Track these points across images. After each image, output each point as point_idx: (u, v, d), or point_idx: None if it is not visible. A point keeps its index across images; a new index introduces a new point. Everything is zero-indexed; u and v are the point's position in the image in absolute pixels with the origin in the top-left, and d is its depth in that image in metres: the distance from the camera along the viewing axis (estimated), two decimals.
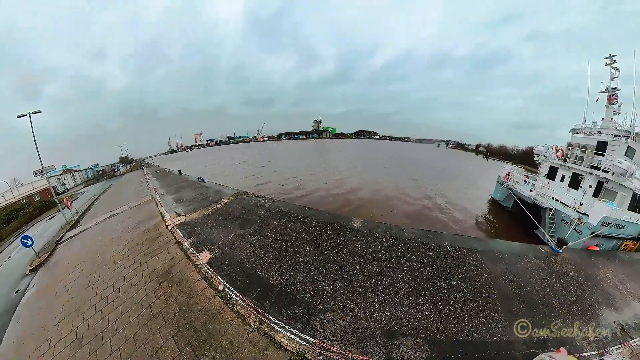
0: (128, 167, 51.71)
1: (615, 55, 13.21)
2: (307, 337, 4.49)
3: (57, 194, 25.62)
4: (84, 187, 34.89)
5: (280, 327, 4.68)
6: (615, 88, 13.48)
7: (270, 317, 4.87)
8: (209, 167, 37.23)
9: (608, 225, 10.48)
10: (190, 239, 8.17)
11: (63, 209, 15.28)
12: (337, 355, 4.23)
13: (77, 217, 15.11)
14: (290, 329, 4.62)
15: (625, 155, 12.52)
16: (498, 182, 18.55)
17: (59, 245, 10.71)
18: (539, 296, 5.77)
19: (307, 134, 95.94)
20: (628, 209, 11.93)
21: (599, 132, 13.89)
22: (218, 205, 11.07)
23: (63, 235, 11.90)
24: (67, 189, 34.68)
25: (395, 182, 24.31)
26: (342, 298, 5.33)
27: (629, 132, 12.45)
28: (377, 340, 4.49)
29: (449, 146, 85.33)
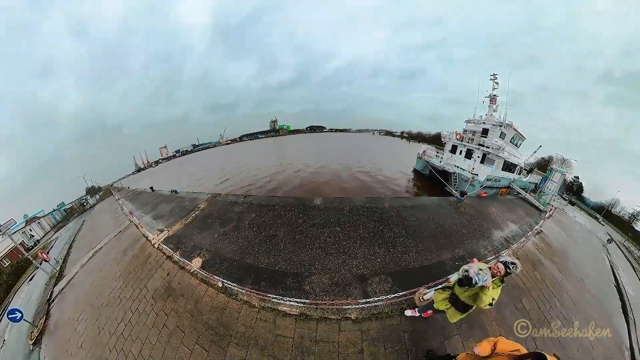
0: (97, 197, 38.13)
1: (497, 74, 17.51)
2: (302, 300, 4.86)
3: (28, 249, 19.15)
4: (55, 232, 25.75)
5: (280, 299, 4.92)
6: (495, 95, 17.63)
7: (269, 295, 5.02)
8: (180, 178, 32.00)
9: (490, 180, 13.28)
10: (179, 250, 7.34)
11: (40, 264, 11.57)
12: (329, 306, 4.71)
13: (59, 268, 11.58)
14: (288, 298, 4.91)
15: (499, 137, 16.61)
16: (418, 157, 20.97)
17: (52, 305, 8.35)
18: (453, 229, 6.88)
19: (266, 133, 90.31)
20: (502, 170, 15.84)
21: (484, 123, 17.75)
22: (196, 212, 9.92)
23: (51, 292, 9.11)
24: (37, 240, 25.13)
25: (341, 163, 25.28)
26: (320, 262, 5.78)
27: (502, 122, 16.62)
28: (354, 285, 5.13)
29: (381, 134, 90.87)
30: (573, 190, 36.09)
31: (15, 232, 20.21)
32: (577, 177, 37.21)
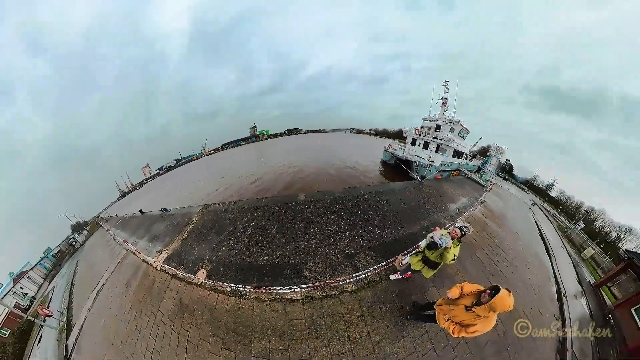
0: (85, 233, 29.83)
1: (447, 81, 19.85)
2: (304, 285, 5.00)
3: (26, 309, 15.20)
4: (50, 282, 21.02)
5: (285, 289, 5.02)
6: (446, 98, 19.83)
7: (275, 288, 5.10)
8: (168, 195, 28.77)
9: (443, 165, 14.75)
10: (182, 267, 6.86)
11: (44, 321, 9.79)
12: (328, 285, 4.95)
13: (65, 319, 9.89)
14: (292, 287, 5.03)
15: (450, 131, 18.83)
16: (384, 150, 22.09)
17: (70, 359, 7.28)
18: (418, 206, 7.60)
19: (246, 140, 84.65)
20: (452, 157, 18.15)
21: (437, 120, 19.79)
22: (190, 226, 9.18)
23: (66, 347, 7.90)
24: (33, 296, 19.59)
25: (319, 161, 25.57)
26: (312, 250, 5.96)
27: (451, 120, 18.86)
28: (345, 263, 5.43)
29: (352, 132, 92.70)
30: (506, 170, 41.41)
31: (5, 296, 16.15)
32: (509, 160, 42.77)
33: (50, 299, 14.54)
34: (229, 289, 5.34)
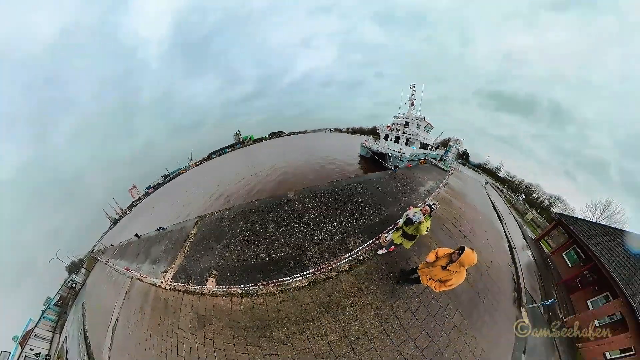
0: (83, 271, 24.00)
1: (415, 84, 21.90)
2: (307, 272, 5.15)
3: None
4: (59, 334, 16.27)
5: (290, 279, 5.13)
6: (413, 99, 21.81)
7: (281, 280, 5.19)
8: (161, 213, 25.58)
9: (412, 155, 15.92)
10: (190, 281, 6.50)
11: None
12: (326, 268, 5.16)
13: None
14: (296, 276, 5.14)
15: (417, 127, 20.81)
16: (361, 145, 22.94)
17: None
18: (394, 191, 8.28)
19: (232, 147, 77.65)
20: (419, 148, 20.04)
21: (406, 118, 21.63)
22: (190, 240, 8.64)
23: None
24: (47, 354, 14.72)
25: (303, 160, 25.65)
26: (308, 240, 6.10)
27: (418, 117, 20.83)
28: (338, 247, 5.71)
29: (331, 131, 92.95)
30: (463, 157, 45.73)
31: None
32: (465, 149, 47.90)
33: (67, 350, 12.45)
34: (239, 291, 5.30)
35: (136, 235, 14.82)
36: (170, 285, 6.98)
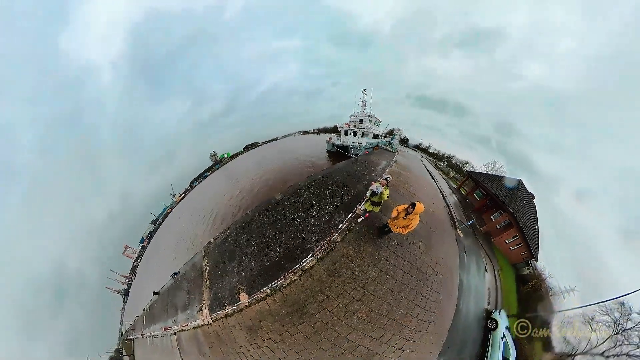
0: (126, 359, 15.18)
1: (365, 89, 24.70)
2: (312, 253, 5.47)
3: None
4: None
5: (303, 263, 5.38)
6: (365, 101, 24.55)
7: (295, 267, 5.41)
8: (166, 260, 20.48)
9: (368, 145, 17.37)
10: (225, 305, 6.01)
11: None
12: (325, 244, 5.58)
13: None
14: (306, 259, 5.43)
15: (369, 122, 23.63)
16: (327, 142, 23.72)
17: None
18: (358, 173, 9.48)
19: (211, 169, 62.79)
20: (372, 138, 22.97)
21: (360, 116, 24.48)
22: (206, 271, 7.69)
23: None
24: None
25: (280, 164, 25.17)
26: (304, 230, 6.33)
27: (369, 115, 23.79)
28: (328, 225, 6.11)
29: (300, 134, 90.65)
30: (404, 141, 52.64)
31: None
32: (405, 136, 56.73)
33: None
34: (269, 291, 5.42)
35: (155, 293, 12.07)
36: (211, 318, 6.31)
